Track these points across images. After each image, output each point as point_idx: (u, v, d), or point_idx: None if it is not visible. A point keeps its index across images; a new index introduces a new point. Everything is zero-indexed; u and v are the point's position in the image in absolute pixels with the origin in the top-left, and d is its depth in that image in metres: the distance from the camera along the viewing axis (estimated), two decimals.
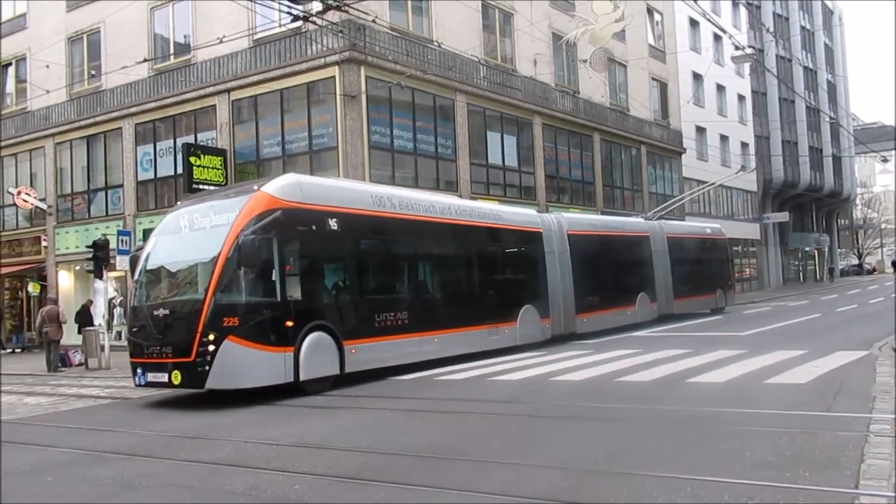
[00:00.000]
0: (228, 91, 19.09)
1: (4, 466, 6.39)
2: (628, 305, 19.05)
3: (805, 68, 50.82)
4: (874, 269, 73.59)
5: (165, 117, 20.67)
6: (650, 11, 31.81)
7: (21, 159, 24.65)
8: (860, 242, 73.70)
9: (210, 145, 19.08)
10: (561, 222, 17.13)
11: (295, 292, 10.00)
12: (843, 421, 6.41)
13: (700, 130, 37.05)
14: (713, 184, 29.77)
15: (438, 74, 19.24)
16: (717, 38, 37.06)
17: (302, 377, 9.91)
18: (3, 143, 24.11)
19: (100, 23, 22.06)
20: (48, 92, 21.85)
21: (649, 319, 19.78)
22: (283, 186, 10.40)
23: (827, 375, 9.06)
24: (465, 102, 20.60)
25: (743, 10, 42.29)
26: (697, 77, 35.91)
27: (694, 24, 36.97)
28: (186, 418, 7.98)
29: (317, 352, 10.13)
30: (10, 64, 24.77)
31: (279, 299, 9.77)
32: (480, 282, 14.33)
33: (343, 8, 13.74)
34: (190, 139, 19.55)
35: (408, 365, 11.85)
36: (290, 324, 9.82)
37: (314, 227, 10.60)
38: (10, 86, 25.12)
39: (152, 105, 20.74)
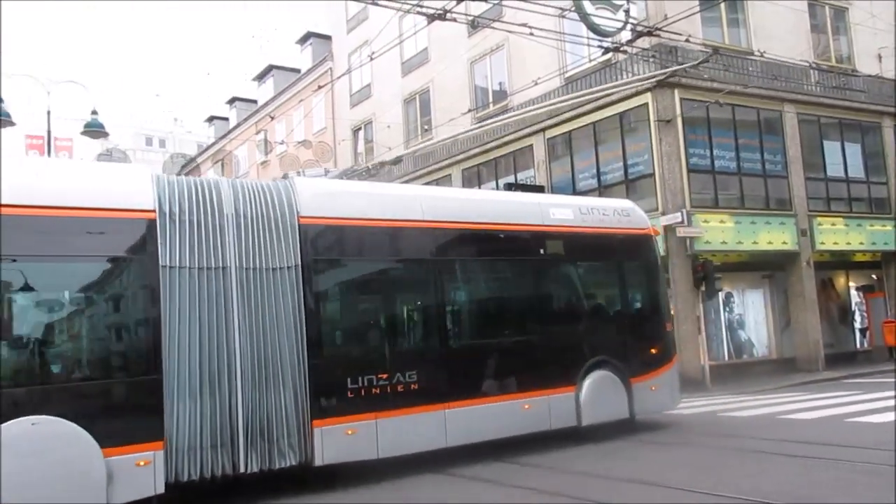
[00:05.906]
0: (544, 130, 19.83)
1: None
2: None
3: None
4: None
5: (488, 161, 22.15)
6: None
7: None
8: None
9: (529, 182, 19.93)
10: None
11: None
12: None
13: None
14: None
15: (761, 87, 17.82)
16: None
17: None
18: None
19: (429, 83, 24.59)
20: (390, 149, 24.76)
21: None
22: None
23: None
24: (794, 112, 18.77)
25: None
26: None
27: None
28: (524, 448, 8.37)
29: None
30: (360, 129, 28.77)
31: None
32: None
33: (654, 33, 13.48)
34: (510, 178, 20.63)
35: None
36: None
37: None
38: (361, 146, 29.08)
39: (476, 151, 22.38)
